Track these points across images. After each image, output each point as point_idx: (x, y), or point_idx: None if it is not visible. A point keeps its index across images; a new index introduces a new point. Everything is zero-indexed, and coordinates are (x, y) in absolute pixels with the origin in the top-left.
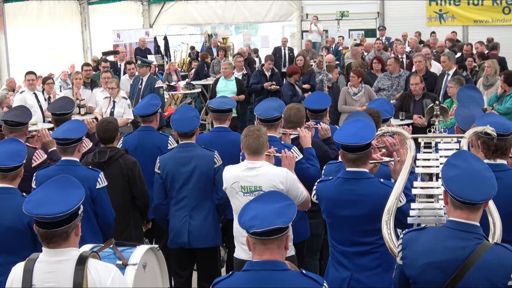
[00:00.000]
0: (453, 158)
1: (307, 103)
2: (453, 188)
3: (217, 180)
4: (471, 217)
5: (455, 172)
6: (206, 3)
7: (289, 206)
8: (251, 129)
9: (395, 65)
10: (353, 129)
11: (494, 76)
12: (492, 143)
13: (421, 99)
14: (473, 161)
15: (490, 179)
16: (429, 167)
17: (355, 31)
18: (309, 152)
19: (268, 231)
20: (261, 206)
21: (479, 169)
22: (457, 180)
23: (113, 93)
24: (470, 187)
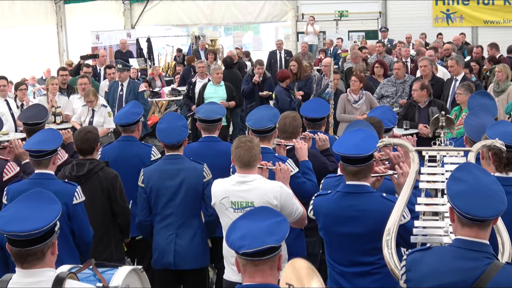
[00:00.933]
0: (458, 172)
1: (304, 111)
2: (459, 204)
3: (206, 195)
4: (480, 235)
5: (461, 187)
6: (193, 2)
7: (281, 222)
8: (243, 140)
9: (403, 70)
10: (354, 139)
11: (506, 81)
12: (504, 155)
13: (427, 107)
14: (480, 174)
15: (498, 192)
16: (433, 182)
17: (355, 32)
18: (305, 166)
19: (259, 251)
20: (251, 223)
21: (487, 182)
22: (463, 195)
23: (91, 105)
24: (478, 203)
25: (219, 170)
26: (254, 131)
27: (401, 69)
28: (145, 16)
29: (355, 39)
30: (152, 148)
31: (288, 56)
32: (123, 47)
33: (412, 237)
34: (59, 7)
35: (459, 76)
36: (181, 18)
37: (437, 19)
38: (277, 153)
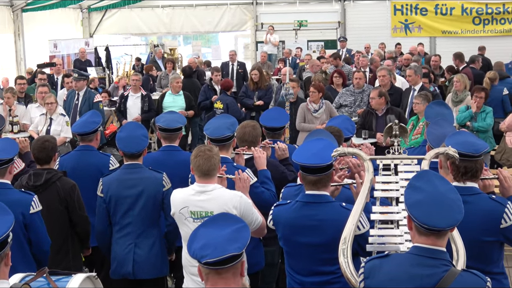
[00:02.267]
0: (416, 180)
1: (263, 121)
2: (417, 214)
3: (166, 205)
4: (437, 243)
5: (418, 196)
6: (152, 11)
7: (242, 229)
8: (202, 149)
9: (363, 79)
10: (313, 149)
11: (464, 91)
12: (461, 164)
13: (384, 115)
14: (438, 182)
15: (456, 202)
16: (388, 190)
17: (314, 42)
18: (264, 175)
19: (222, 260)
20: (211, 231)
21: (444, 191)
22: (421, 205)
23: (50, 109)
24: (435, 213)
25: (178, 179)
26: (212, 140)
27: (362, 79)
28: (103, 25)
29: (314, 48)
30: (110, 157)
31: (240, 68)
32: (82, 56)
33: (368, 246)
34: (16, 15)
35: (417, 86)
36: (140, 27)
37: (396, 29)
38: (236, 162)
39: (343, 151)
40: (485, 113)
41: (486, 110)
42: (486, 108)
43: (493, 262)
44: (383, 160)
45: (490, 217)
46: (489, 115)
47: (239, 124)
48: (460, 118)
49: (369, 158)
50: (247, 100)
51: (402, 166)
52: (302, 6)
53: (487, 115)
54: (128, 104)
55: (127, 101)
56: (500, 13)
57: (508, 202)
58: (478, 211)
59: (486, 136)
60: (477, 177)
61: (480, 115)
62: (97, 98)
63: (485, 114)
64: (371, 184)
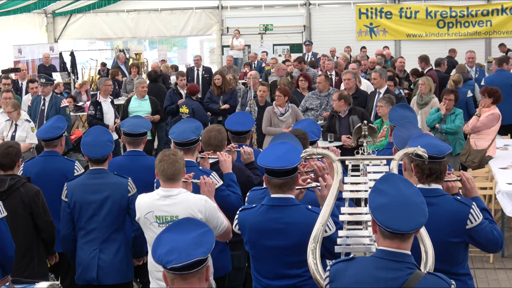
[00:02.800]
0: (380, 183)
1: (229, 125)
2: (381, 218)
3: (131, 210)
4: (401, 246)
5: (382, 200)
6: (117, 15)
7: (206, 233)
8: (167, 153)
9: (325, 83)
10: (278, 152)
11: (429, 94)
12: (426, 166)
13: (347, 116)
14: (402, 185)
15: (420, 205)
16: (357, 191)
17: (280, 45)
18: (229, 178)
19: (187, 265)
20: (176, 236)
21: (409, 194)
22: (385, 209)
23: (12, 116)
24: (399, 217)
25: (143, 184)
26: (177, 144)
27: (322, 83)
28: (68, 30)
29: (280, 52)
30: (75, 162)
31: (206, 73)
32: (47, 61)
33: (337, 247)
34: None
35: (382, 89)
36: (105, 31)
37: (361, 33)
38: (201, 166)
39: (312, 152)
40: (455, 115)
41: (456, 112)
42: (456, 110)
43: (459, 263)
44: (352, 161)
45: (456, 218)
46: (459, 117)
47: (204, 128)
48: (430, 120)
49: (338, 159)
50: (212, 105)
51: (371, 167)
52: (267, 10)
53: (457, 117)
54: (104, 110)
55: (102, 107)
56: (464, 16)
57: (473, 203)
58: (443, 212)
59: (456, 138)
60: (442, 178)
61: (449, 117)
62: (64, 103)
63: (455, 116)
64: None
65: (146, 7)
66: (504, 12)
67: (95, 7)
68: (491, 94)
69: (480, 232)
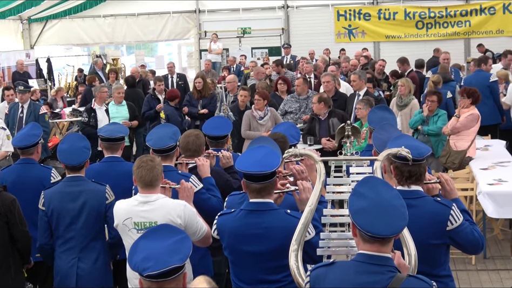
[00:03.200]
0: (360, 186)
1: (206, 129)
2: (361, 222)
3: (109, 217)
4: (382, 249)
5: (362, 204)
6: (94, 21)
7: (183, 240)
8: (144, 159)
9: (303, 86)
10: (256, 156)
11: (408, 96)
12: (405, 168)
13: (327, 118)
14: (382, 189)
15: (400, 208)
16: (339, 193)
17: (258, 49)
18: (208, 182)
19: (163, 273)
20: (152, 243)
21: (388, 197)
22: (364, 212)
23: None
24: (379, 220)
25: (121, 190)
26: (155, 151)
27: (301, 86)
28: (44, 36)
29: (258, 55)
30: (51, 170)
31: (180, 80)
32: (21, 68)
33: (319, 250)
34: None
35: (362, 91)
36: (82, 37)
37: (339, 35)
38: (180, 171)
39: (295, 152)
40: (438, 116)
41: (439, 113)
42: (439, 111)
43: (440, 265)
44: (335, 162)
45: (436, 219)
46: (441, 118)
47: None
48: (412, 122)
49: (321, 160)
50: (191, 109)
51: (354, 167)
52: (245, 13)
53: (440, 118)
54: (98, 118)
55: (96, 114)
56: (443, 16)
57: (453, 204)
58: (423, 213)
59: (439, 139)
60: (421, 180)
61: (432, 118)
62: (42, 110)
63: (437, 118)
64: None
65: (122, 11)
66: (483, 12)
67: (71, 13)
68: (469, 95)
69: (461, 234)
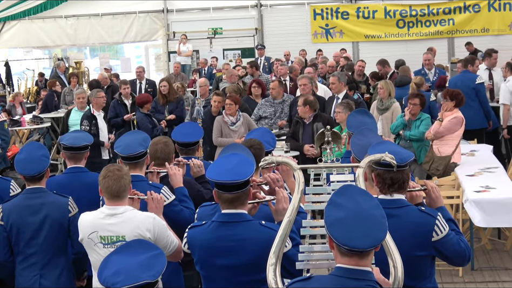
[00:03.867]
0: (337, 196)
1: (175, 136)
2: (337, 234)
3: (72, 231)
4: (361, 263)
5: (339, 214)
6: (55, 22)
7: (157, 256)
8: (111, 169)
9: (279, 89)
10: (229, 164)
11: (389, 99)
12: (388, 175)
13: (311, 123)
14: (361, 198)
15: (379, 219)
16: (319, 203)
17: (231, 50)
18: (181, 193)
19: None
20: (124, 258)
21: (367, 207)
22: (341, 224)
23: None
24: (356, 233)
25: (87, 203)
26: (124, 159)
27: (276, 89)
28: (2, 39)
29: (231, 57)
30: (10, 182)
31: (149, 87)
32: None
33: (298, 263)
34: None
35: (341, 94)
36: (42, 39)
37: (316, 35)
38: (150, 181)
39: (272, 160)
40: (420, 120)
41: (422, 117)
42: (422, 115)
43: (426, 277)
44: (314, 169)
45: (421, 229)
46: (424, 122)
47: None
48: (393, 126)
49: (299, 168)
50: (158, 116)
51: (334, 175)
52: (216, 13)
53: (422, 122)
54: (100, 126)
55: (97, 121)
56: (425, 15)
57: (438, 214)
58: (407, 224)
59: (422, 145)
60: (404, 188)
61: (414, 122)
62: (1, 117)
63: (420, 122)
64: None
65: (85, 12)
66: (467, 10)
67: (30, 14)
68: (453, 97)
69: (446, 244)
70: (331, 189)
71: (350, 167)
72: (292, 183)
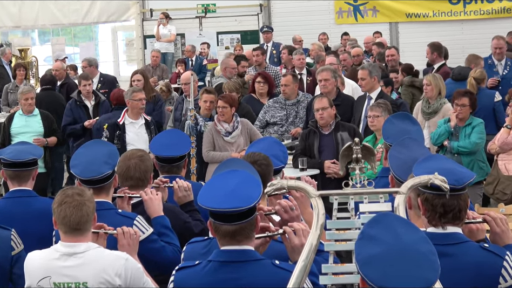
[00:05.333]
0: (370, 227)
1: (154, 149)
2: (372, 274)
3: (16, 275)
4: None
5: (374, 250)
6: None
7: None
8: (69, 193)
9: (293, 86)
10: (227, 185)
11: (438, 98)
12: (439, 201)
13: (333, 132)
14: (402, 229)
15: (428, 256)
16: (345, 241)
17: (227, 34)
18: (161, 224)
19: None
20: None
21: (411, 241)
22: (377, 261)
23: None
24: (397, 272)
25: (35, 238)
26: (83, 182)
27: (290, 85)
28: None
29: (227, 43)
30: None
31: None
32: None
33: None
34: None
35: (374, 93)
36: None
37: (341, 13)
38: (120, 209)
39: (283, 185)
40: (471, 127)
41: (473, 123)
42: (473, 119)
43: None
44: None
45: (483, 273)
46: (477, 129)
47: None
48: (435, 136)
49: (319, 194)
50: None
51: (366, 205)
52: None
53: (474, 129)
54: (128, 138)
55: (125, 132)
56: None
57: (507, 253)
58: (466, 265)
59: (474, 159)
60: (461, 218)
61: (463, 130)
62: None
63: (471, 129)
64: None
65: None
66: None
67: None
68: None
69: None
70: (361, 223)
71: (387, 193)
72: (309, 215)
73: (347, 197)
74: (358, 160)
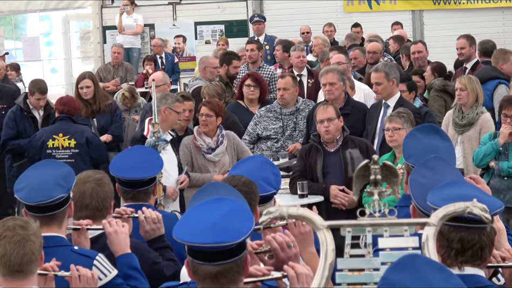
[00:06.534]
0: (394, 272)
1: (115, 170)
2: None
3: None
4: None
5: None
6: None
7: None
8: (9, 225)
9: (293, 90)
10: (210, 216)
11: (475, 107)
12: (455, 235)
13: (340, 149)
14: (433, 275)
15: None
16: (360, 285)
17: (207, 25)
18: (127, 264)
19: None
20: None
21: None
22: None
23: None
24: None
25: None
26: (30, 209)
27: (290, 89)
28: None
29: (208, 36)
30: None
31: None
32: None
33: None
34: None
35: (392, 100)
36: None
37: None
38: (76, 245)
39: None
40: None
41: None
42: None
43: None
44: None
45: None
46: None
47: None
48: (479, 156)
49: (328, 226)
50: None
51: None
52: None
53: None
54: None
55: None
56: None
57: None
58: None
59: None
60: (483, 258)
61: None
62: None
63: None
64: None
65: None
66: None
67: None
68: None
69: None
70: (380, 262)
71: (415, 224)
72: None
73: (362, 228)
74: (377, 182)
